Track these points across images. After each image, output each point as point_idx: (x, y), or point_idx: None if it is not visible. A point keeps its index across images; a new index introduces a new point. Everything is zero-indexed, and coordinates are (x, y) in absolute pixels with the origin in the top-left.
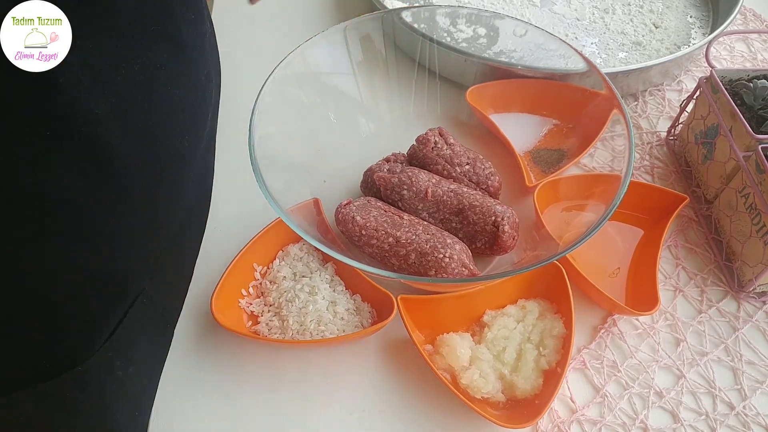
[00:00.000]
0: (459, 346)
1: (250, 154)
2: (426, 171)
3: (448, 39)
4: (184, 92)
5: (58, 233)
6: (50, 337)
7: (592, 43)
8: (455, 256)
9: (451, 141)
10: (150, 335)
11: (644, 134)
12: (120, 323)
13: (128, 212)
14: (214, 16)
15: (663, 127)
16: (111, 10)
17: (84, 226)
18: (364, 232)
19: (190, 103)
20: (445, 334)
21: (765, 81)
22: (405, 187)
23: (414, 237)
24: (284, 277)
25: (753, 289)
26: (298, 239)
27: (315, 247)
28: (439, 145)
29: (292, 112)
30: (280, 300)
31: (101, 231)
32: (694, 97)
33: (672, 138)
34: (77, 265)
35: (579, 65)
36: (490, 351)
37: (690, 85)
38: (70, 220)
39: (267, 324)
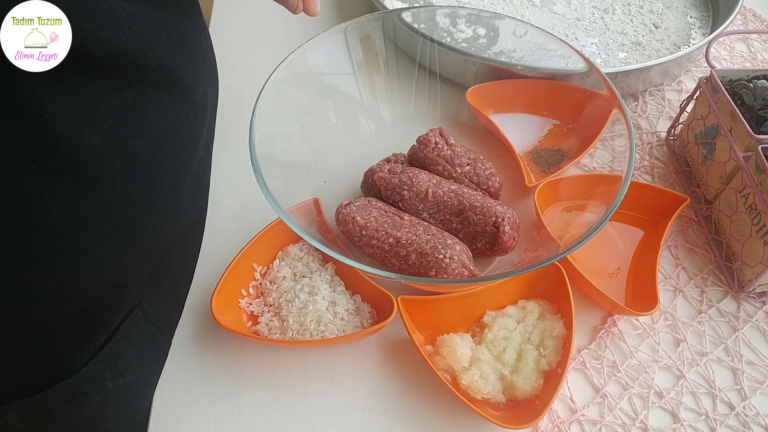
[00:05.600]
0: (459, 347)
1: (251, 154)
2: (426, 171)
3: (448, 39)
4: (179, 114)
5: (46, 261)
6: (38, 353)
7: (592, 44)
8: (455, 257)
9: (452, 141)
10: (143, 347)
11: (644, 134)
12: (111, 337)
13: (120, 236)
14: (213, 17)
15: (663, 127)
16: (99, 50)
17: (73, 251)
18: (364, 232)
19: (184, 125)
20: (445, 334)
21: (765, 81)
22: (405, 187)
23: (414, 237)
24: (284, 277)
25: (753, 290)
26: (298, 239)
27: (315, 248)
28: (439, 146)
29: (292, 112)
30: (280, 300)
31: (91, 255)
32: (694, 97)
33: (672, 138)
34: (66, 287)
35: (579, 65)
36: (490, 352)
37: (690, 85)
38: (59, 248)
39: (267, 324)
